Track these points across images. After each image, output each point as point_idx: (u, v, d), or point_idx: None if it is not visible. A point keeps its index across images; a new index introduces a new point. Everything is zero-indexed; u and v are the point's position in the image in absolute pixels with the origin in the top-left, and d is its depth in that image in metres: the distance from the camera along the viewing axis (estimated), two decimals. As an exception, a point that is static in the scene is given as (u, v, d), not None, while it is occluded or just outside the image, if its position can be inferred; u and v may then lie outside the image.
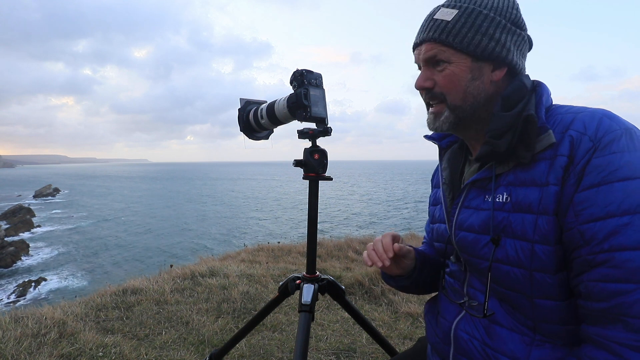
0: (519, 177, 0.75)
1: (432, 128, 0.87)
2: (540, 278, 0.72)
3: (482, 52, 0.78)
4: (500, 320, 0.80)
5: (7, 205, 42.89)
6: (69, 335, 2.17)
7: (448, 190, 0.93)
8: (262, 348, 2.23)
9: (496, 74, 0.80)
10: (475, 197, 0.83)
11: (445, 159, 0.98)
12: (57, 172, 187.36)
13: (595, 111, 0.73)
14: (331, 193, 60.92)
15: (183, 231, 33.53)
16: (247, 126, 1.39)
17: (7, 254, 23.42)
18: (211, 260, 4.34)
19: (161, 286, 3.08)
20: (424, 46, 0.82)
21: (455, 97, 0.80)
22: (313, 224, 1.32)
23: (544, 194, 0.71)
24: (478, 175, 0.82)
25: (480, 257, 0.80)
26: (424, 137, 1.03)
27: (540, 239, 0.71)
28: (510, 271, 0.75)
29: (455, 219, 0.87)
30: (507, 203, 0.76)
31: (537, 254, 0.72)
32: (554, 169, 0.71)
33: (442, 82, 0.81)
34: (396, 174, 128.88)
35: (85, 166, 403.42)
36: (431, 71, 0.82)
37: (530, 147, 0.74)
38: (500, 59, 0.79)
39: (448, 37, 0.78)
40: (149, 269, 17.36)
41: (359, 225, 32.25)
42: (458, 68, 0.79)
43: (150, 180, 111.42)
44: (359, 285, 3.29)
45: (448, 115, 0.82)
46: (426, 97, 0.85)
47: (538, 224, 0.71)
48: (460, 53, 0.78)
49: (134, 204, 52.80)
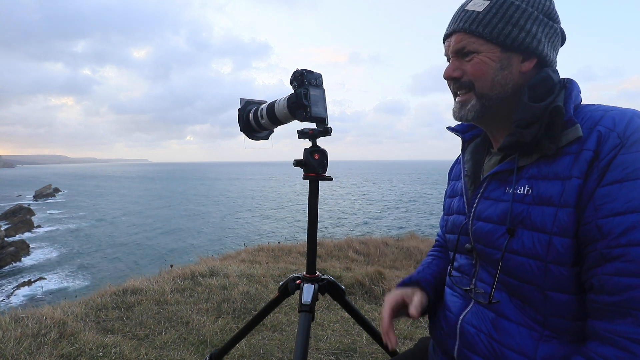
0: (542, 170, 0.75)
1: (457, 117, 0.87)
2: (556, 270, 0.72)
3: (511, 42, 0.78)
4: (508, 314, 0.79)
5: (7, 205, 42.90)
6: (69, 335, 2.16)
7: (470, 182, 0.93)
8: (262, 348, 2.23)
9: (525, 64, 0.80)
10: (496, 188, 0.83)
11: (468, 151, 0.98)
12: (57, 172, 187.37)
13: (626, 110, 0.73)
14: (330, 193, 60.99)
15: (176, 231, 33.79)
16: (247, 126, 1.39)
17: (7, 254, 23.42)
18: (211, 260, 4.34)
19: (161, 286, 3.08)
20: (454, 37, 0.83)
21: (483, 86, 0.81)
22: (313, 224, 1.32)
23: (567, 187, 0.71)
24: (500, 167, 0.82)
25: (495, 247, 0.81)
26: (447, 129, 1.04)
27: (559, 231, 0.71)
28: (526, 262, 0.75)
29: (474, 209, 0.87)
30: (528, 195, 0.76)
31: (555, 246, 0.71)
32: (578, 162, 0.70)
33: (470, 70, 0.81)
34: (394, 174, 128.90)
35: (85, 166, 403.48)
36: (460, 61, 0.83)
37: (556, 140, 0.73)
38: (530, 49, 0.79)
39: (478, 27, 0.79)
40: (148, 268, 17.46)
41: (350, 226, 32.33)
42: (487, 57, 0.79)
43: (149, 180, 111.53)
44: (359, 285, 3.29)
45: (475, 103, 0.83)
46: (454, 87, 0.86)
47: (558, 216, 0.71)
48: (489, 43, 0.79)
49: (133, 204, 52.81)
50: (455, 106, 0.87)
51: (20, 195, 65.04)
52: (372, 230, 28.85)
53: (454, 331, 0.89)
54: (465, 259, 0.92)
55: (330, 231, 27.55)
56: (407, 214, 40.11)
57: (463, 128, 1.01)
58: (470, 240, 0.88)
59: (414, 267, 5.15)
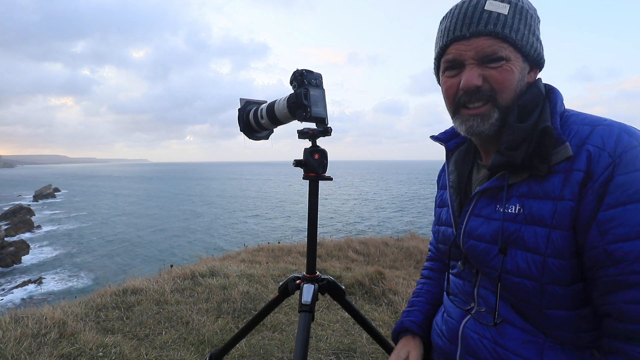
0: (532, 189, 0.73)
1: (476, 131, 0.78)
2: (552, 290, 0.71)
3: (532, 51, 0.75)
4: (512, 320, 0.78)
5: (7, 205, 42.91)
6: (69, 335, 2.16)
7: (455, 195, 0.91)
8: (262, 348, 2.23)
9: (531, 75, 0.79)
10: (486, 205, 0.81)
11: (452, 161, 0.95)
12: (57, 172, 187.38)
13: (612, 125, 0.71)
14: (328, 193, 61.12)
15: (166, 231, 34.06)
16: (247, 126, 1.39)
17: (7, 254, 23.42)
18: (211, 260, 4.35)
19: (161, 286, 3.09)
20: (479, 40, 0.74)
21: (507, 97, 0.75)
22: (313, 224, 1.32)
23: (559, 208, 0.69)
24: (489, 184, 0.80)
25: (491, 267, 0.79)
26: (430, 138, 1.00)
27: (553, 253, 0.70)
28: (521, 283, 0.74)
29: (464, 226, 0.84)
30: (520, 215, 0.74)
31: (550, 267, 0.70)
32: (569, 183, 0.69)
33: (498, 79, 0.74)
34: (394, 173, 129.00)
35: (85, 166, 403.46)
36: (481, 68, 0.75)
37: (547, 160, 0.72)
38: (541, 60, 0.78)
39: (511, 32, 0.73)
40: (146, 267, 17.48)
41: (342, 227, 32.43)
42: (515, 66, 0.74)
43: (149, 180, 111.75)
44: (359, 285, 3.29)
45: (497, 117, 0.76)
46: (468, 98, 0.77)
47: (551, 238, 0.70)
48: (516, 50, 0.74)
49: (132, 204, 52.89)
50: (473, 120, 0.77)
51: (20, 195, 65.04)
52: (364, 230, 29.12)
53: (455, 337, 0.87)
54: (462, 273, 0.89)
55: (320, 231, 28.02)
56: (400, 212, 40.36)
57: (446, 137, 0.98)
58: (462, 256, 0.87)
59: (414, 267, 5.15)
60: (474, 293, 0.85)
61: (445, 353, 0.90)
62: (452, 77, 0.79)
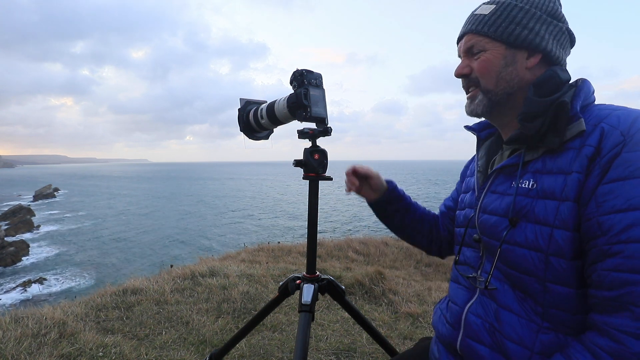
0: (547, 164, 0.77)
1: (468, 111, 0.91)
2: (556, 263, 0.74)
3: (515, 39, 0.82)
4: (510, 306, 0.81)
5: (7, 205, 42.91)
6: (69, 335, 2.16)
7: (482, 178, 0.96)
8: (262, 348, 2.23)
9: (531, 60, 0.84)
10: (502, 182, 0.86)
11: (482, 148, 1.02)
12: (57, 172, 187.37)
13: (633, 110, 0.74)
14: (325, 192, 61.26)
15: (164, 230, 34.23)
16: (247, 126, 1.39)
17: (7, 254, 23.42)
18: (211, 260, 4.34)
19: (161, 286, 3.08)
20: (464, 38, 0.89)
21: (489, 82, 0.85)
22: (313, 224, 1.32)
23: (568, 181, 0.73)
24: (506, 162, 0.85)
25: (499, 239, 0.83)
26: (464, 128, 1.07)
27: (560, 224, 0.73)
28: (527, 254, 0.77)
29: (481, 202, 0.90)
30: (533, 189, 0.78)
31: (555, 239, 0.73)
32: (579, 157, 0.72)
33: (477, 67, 0.87)
34: (392, 174, 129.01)
35: (85, 166, 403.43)
36: (469, 60, 0.89)
37: (560, 133, 0.75)
38: (533, 45, 0.82)
39: (484, 27, 0.85)
40: (146, 267, 17.51)
41: (336, 226, 32.45)
42: (492, 55, 0.85)
43: (148, 180, 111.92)
44: (359, 285, 3.29)
45: (482, 98, 0.87)
46: (464, 83, 0.91)
47: (560, 210, 0.73)
48: (494, 41, 0.84)
49: (132, 204, 52.93)
50: (466, 102, 0.91)
51: (20, 195, 65.03)
52: (355, 229, 29.26)
53: (458, 322, 0.91)
54: (472, 251, 0.94)
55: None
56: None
57: (479, 127, 1.05)
58: (477, 231, 0.91)
59: (414, 267, 5.16)
60: (478, 275, 0.90)
61: (447, 339, 0.94)
62: None
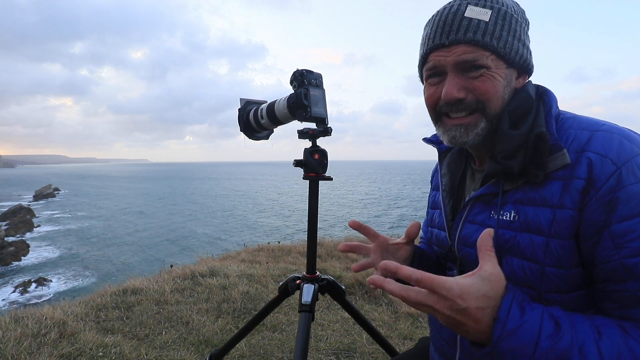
0: (528, 195, 0.71)
1: (459, 142, 0.77)
2: (550, 297, 0.70)
3: (516, 57, 0.73)
4: None
5: (7, 205, 42.90)
6: (69, 335, 2.16)
7: (448, 198, 0.90)
8: (262, 348, 2.23)
9: (519, 81, 0.77)
10: (480, 212, 0.79)
11: (445, 163, 0.94)
12: (57, 172, 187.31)
13: (611, 130, 0.68)
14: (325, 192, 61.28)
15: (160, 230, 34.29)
16: (247, 126, 1.39)
17: (7, 254, 23.42)
18: (211, 260, 4.34)
19: (161, 286, 3.08)
20: (459, 48, 0.72)
21: (496, 106, 0.74)
22: (313, 224, 1.32)
23: (557, 216, 0.67)
24: (483, 190, 0.78)
25: None
26: (423, 140, 1.00)
27: (552, 262, 0.68)
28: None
29: (459, 233, 0.84)
30: (515, 222, 0.72)
31: (549, 276, 0.69)
32: (569, 191, 0.66)
33: (482, 88, 0.73)
34: (392, 174, 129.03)
35: (85, 166, 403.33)
36: (463, 78, 0.73)
37: (542, 166, 0.69)
38: (528, 65, 0.76)
39: (492, 39, 0.71)
40: (146, 267, 17.55)
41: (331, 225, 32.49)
42: (497, 74, 0.73)
43: (147, 180, 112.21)
44: (359, 285, 3.29)
45: (484, 126, 0.75)
46: (450, 107, 0.76)
47: (550, 247, 0.68)
48: (498, 58, 0.72)
49: (131, 204, 53.00)
50: (457, 130, 0.76)
51: (20, 195, 65.02)
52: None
53: (454, 341, 0.87)
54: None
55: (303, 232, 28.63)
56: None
57: (438, 139, 0.95)
58: (457, 263, 0.86)
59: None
60: None
61: (445, 354, 0.91)
62: (434, 86, 0.78)
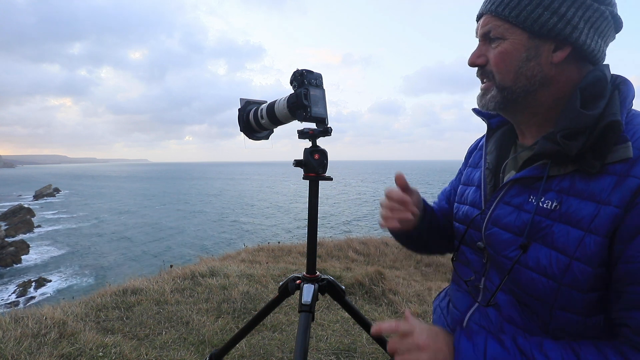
0: (576, 186, 0.67)
1: (479, 105, 0.81)
2: (568, 294, 0.67)
3: (540, 27, 0.69)
4: (514, 319, 0.76)
5: (7, 205, 42.91)
6: (69, 335, 2.16)
7: (490, 177, 0.86)
8: (262, 348, 2.23)
9: (558, 54, 0.71)
10: (518, 194, 0.76)
11: (492, 140, 0.90)
12: (57, 172, 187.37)
13: None
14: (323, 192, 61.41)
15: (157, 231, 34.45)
16: (247, 126, 1.39)
17: (7, 254, 23.41)
18: (211, 261, 4.35)
19: (161, 286, 3.08)
20: (482, 19, 0.77)
21: (505, 78, 0.74)
22: (313, 224, 1.32)
23: (601, 212, 0.63)
24: (526, 173, 0.74)
25: (507, 257, 0.75)
26: (472, 110, 0.94)
27: (581, 257, 0.65)
28: (538, 279, 0.70)
29: (491, 212, 0.80)
30: (555, 211, 0.68)
31: (573, 271, 0.66)
32: (620, 189, 0.62)
33: (493, 59, 0.75)
34: (392, 175, 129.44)
35: (85, 166, 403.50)
36: (486, 47, 0.77)
37: (602, 156, 0.64)
38: (562, 36, 0.69)
39: (505, 9, 0.72)
40: (145, 267, 17.64)
41: (332, 226, 32.53)
42: (512, 45, 0.72)
43: (147, 180, 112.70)
44: (359, 285, 3.29)
45: (495, 94, 0.76)
46: (478, 74, 0.80)
47: (584, 242, 0.64)
48: (516, 28, 0.71)
49: (131, 204, 53.06)
50: (479, 93, 0.81)
51: (20, 195, 65.03)
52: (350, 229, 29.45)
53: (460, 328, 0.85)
54: (474, 255, 0.87)
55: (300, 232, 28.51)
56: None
57: (490, 113, 0.92)
58: (482, 240, 0.84)
59: (414, 267, 5.16)
60: (480, 282, 0.84)
61: None
62: None
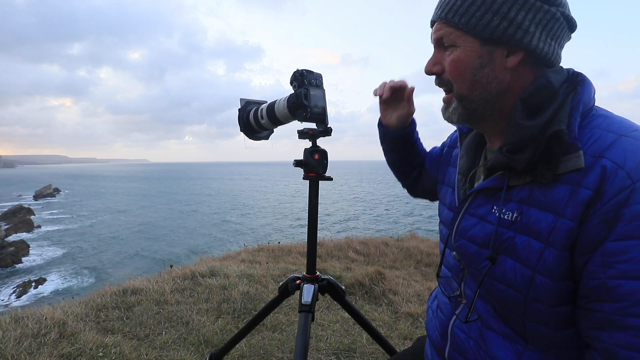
0: (535, 196, 0.67)
1: (444, 117, 0.79)
2: (535, 306, 0.68)
3: (491, 33, 0.67)
4: (493, 327, 0.77)
5: (7, 205, 42.92)
6: (69, 335, 2.16)
7: (463, 181, 0.86)
8: (262, 348, 2.23)
9: (511, 60, 0.69)
10: (482, 204, 0.76)
11: (464, 144, 0.89)
12: (57, 172, 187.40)
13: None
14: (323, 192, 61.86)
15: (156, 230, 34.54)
16: (247, 126, 1.39)
17: (7, 254, 23.40)
18: (211, 261, 4.34)
19: (161, 286, 3.08)
20: (435, 26, 0.75)
21: (462, 86, 0.72)
22: (313, 224, 1.32)
23: (557, 225, 0.63)
24: (487, 183, 0.75)
25: (479, 270, 0.76)
26: (444, 117, 0.94)
27: (543, 271, 0.65)
28: (506, 291, 0.71)
29: (458, 223, 0.81)
30: (516, 222, 0.68)
31: (536, 284, 0.66)
32: (573, 201, 0.61)
33: (448, 68, 0.73)
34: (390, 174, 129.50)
35: (85, 166, 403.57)
36: (441, 54, 0.75)
37: (553, 166, 0.64)
38: (514, 41, 0.67)
39: (454, 16, 0.70)
40: (145, 267, 17.65)
41: (332, 226, 32.57)
42: (464, 53, 0.70)
43: (146, 180, 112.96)
44: (359, 285, 3.29)
45: (456, 106, 0.75)
46: (436, 82, 0.77)
47: (544, 255, 0.65)
48: (466, 35, 0.69)
49: (130, 204, 53.13)
50: (442, 106, 0.79)
51: (21, 195, 65.03)
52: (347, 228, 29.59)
53: (445, 333, 0.88)
54: (454, 259, 0.87)
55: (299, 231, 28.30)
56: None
57: None
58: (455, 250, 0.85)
59: (414, 267, 5.15)
60: (460, 287, 0.85)
61: (437, 347, 0.92)
62: None
